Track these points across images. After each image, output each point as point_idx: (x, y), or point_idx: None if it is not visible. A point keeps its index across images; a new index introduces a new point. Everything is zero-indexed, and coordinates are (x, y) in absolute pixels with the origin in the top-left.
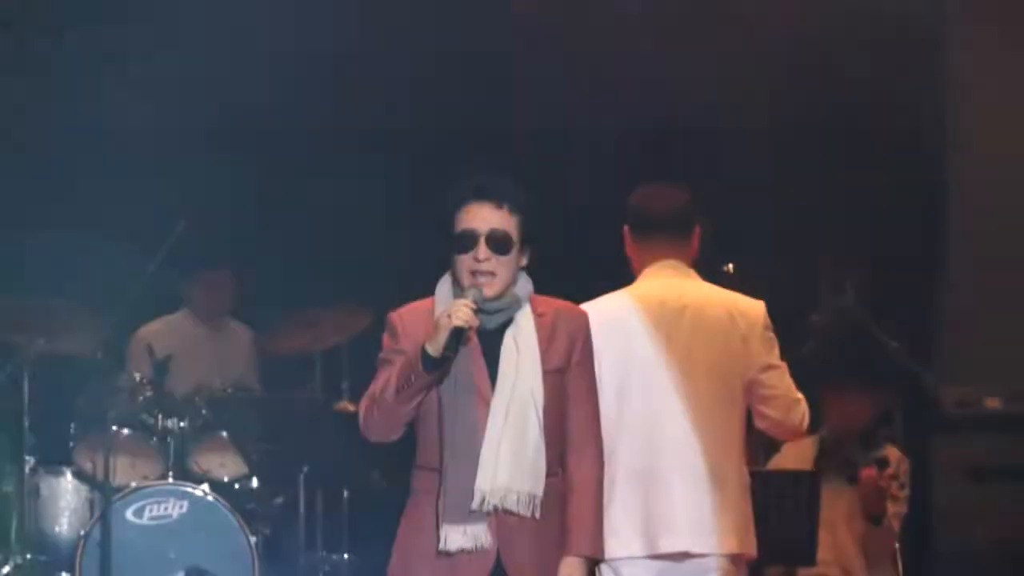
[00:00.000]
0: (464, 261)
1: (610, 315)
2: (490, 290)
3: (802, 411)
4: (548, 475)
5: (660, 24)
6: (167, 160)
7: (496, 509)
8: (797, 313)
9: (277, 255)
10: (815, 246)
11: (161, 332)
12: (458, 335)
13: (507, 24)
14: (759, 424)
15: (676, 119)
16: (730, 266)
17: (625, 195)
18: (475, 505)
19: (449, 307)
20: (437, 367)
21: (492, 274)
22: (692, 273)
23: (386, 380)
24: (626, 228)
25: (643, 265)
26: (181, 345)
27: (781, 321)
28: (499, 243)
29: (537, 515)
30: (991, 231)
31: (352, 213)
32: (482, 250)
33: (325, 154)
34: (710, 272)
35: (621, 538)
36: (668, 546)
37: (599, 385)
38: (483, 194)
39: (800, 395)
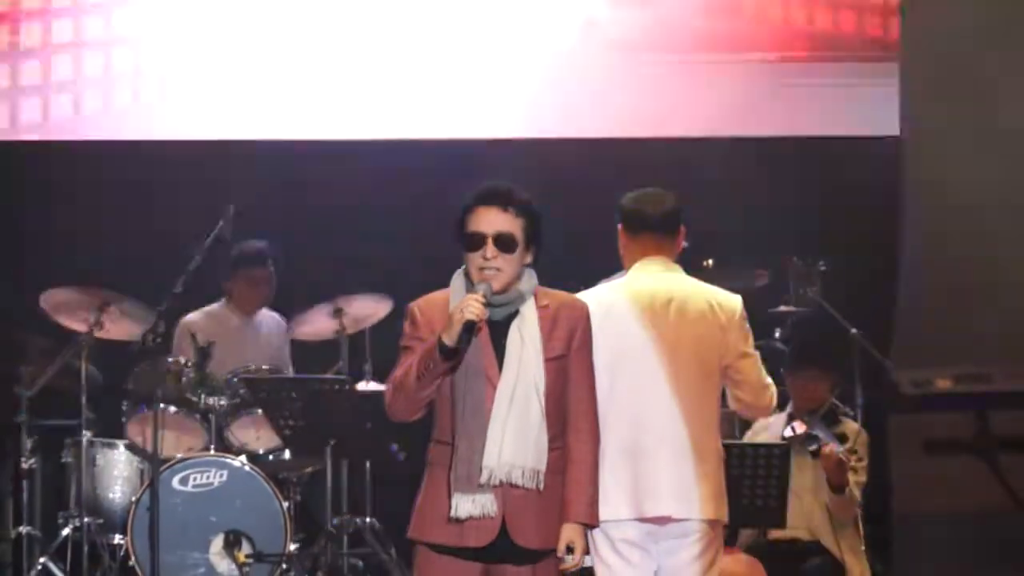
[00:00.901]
0: (474, 259)
1: (604, 304)
2: (497, 284)
3: (770, 395)
4: (551, 449)
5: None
6: (209, 168)
7: (501, 482)
8: (769, 304)
9: (307, 251)
10: (785, 245)
11: (203, 321)
12: (470, 328)
13: None
14: (732, 405)
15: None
16: (710, 261)
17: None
18: (483, 480)
19: (462, 302)
20: (452, 356)
21: (498, 270)
22: (677, 268)
23: (407, 368)
24: (619, 227)
25: (634, 260)
26: (221, 332)
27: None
28: (504, 243)
29: (540, 487)
30: (940, 232)
31: (375, 212)
32: (489, 249)
33: (354, 163)
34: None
35: (611, 504)
36: (652, 511)
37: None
38: (491, 199)
39: (769, 380)
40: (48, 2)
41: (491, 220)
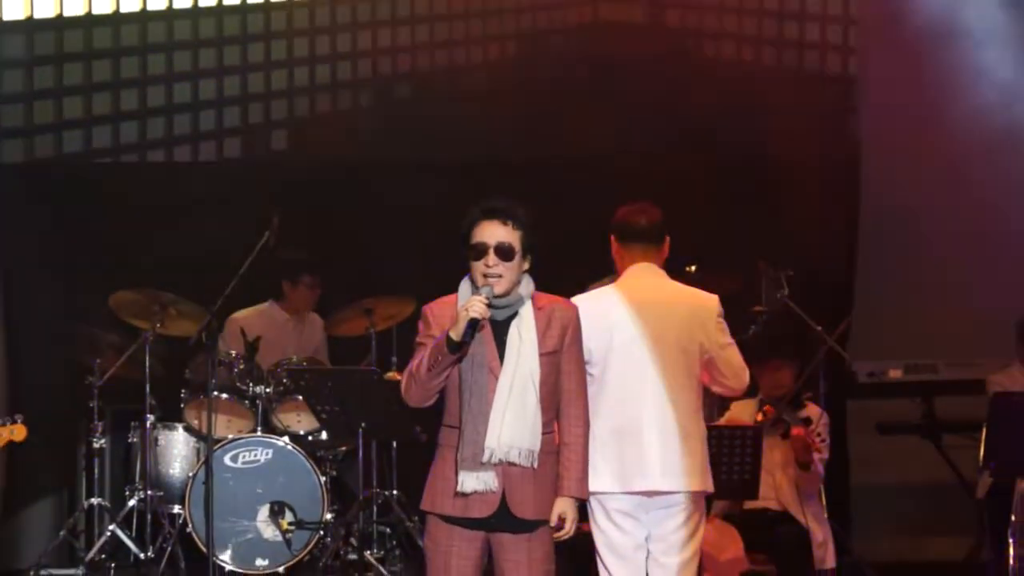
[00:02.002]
0: (477, 267)
1: (600, 305)
2: (498, 288)
3: (747, 378)
4: (544, 432)
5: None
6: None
7: (501, 461)
8: (744, 304)
9: (343, 258)
10: (758, 251)
11: (251, 318)
12: (474, 325)
13: None
14: (715, 389)
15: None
16: (692, 267)
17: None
18: (485, 459)
19: (467, 303)
20: (458, 350)
21: (499, 276)
22: (663, 273)
23: (420, 360)
24: (612, 237)
25: (625, 266)
26: (267, 329)
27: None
28: (504, 252)
29: (535, 466)
30: (892, 243)
31: (400, 228)
32: (491, 258)
33: (384, 185)
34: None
35: (604, 479)
36: (641, 485)
37: (589, 360)
38: (492, 214)
39: (745, 365)
40: (117, 43)
41: (493, 232)
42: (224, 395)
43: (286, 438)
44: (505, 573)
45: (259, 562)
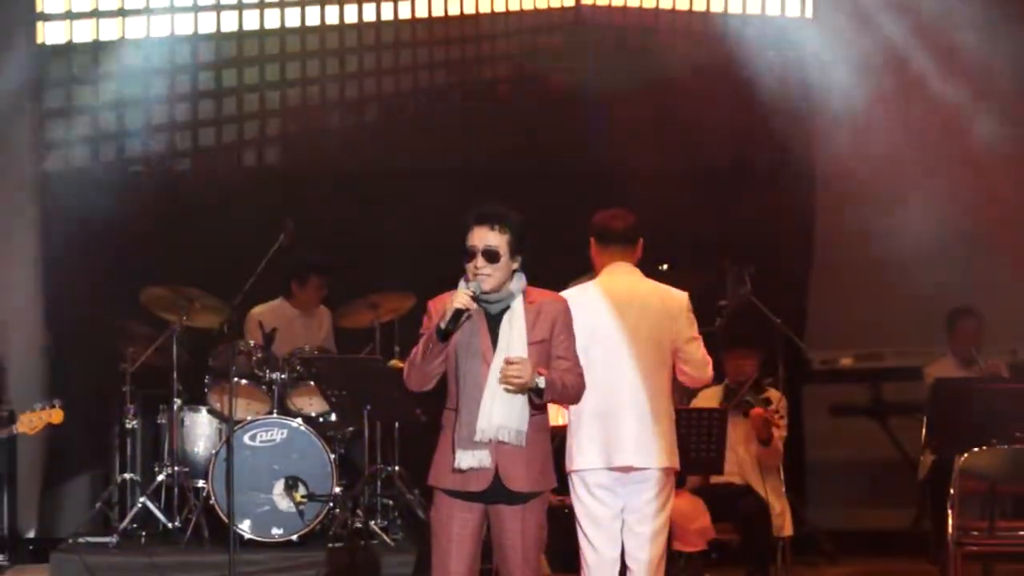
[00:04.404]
0: (469, 267)
1: (582, 299)
2: (486, 286)
3: (710, 370)
4: (532, 414)
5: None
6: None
7: (492, 440)
8: (711, 299)
9: (351, 256)
10: (724, 251)
11: (267, 313)
12: (458, 314)
13: None
14: (680, 378)
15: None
16: (664, 266)
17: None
18: (477, 438)
19: (455, 295)
20: (446, 339)
21: (487, 275)
22: (638, 272)
23: (417, 348)
24: (592, 239)
25: (603, 265)
26: (282, 322)
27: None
28: (490, 255)
29: (523, 444)
30: (843, 244)
31: (404, 228)
32: (479, 260)
33: (388, 189)
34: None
35: (587, 456)
36: (619, 462)
37: None
38: (482, 220)
39: (709, 359)
40: (171, 60)
41: (481, 237)
42: (244, 381)
43: (299, 419)
44: (503, 540)
45: (275, 531)
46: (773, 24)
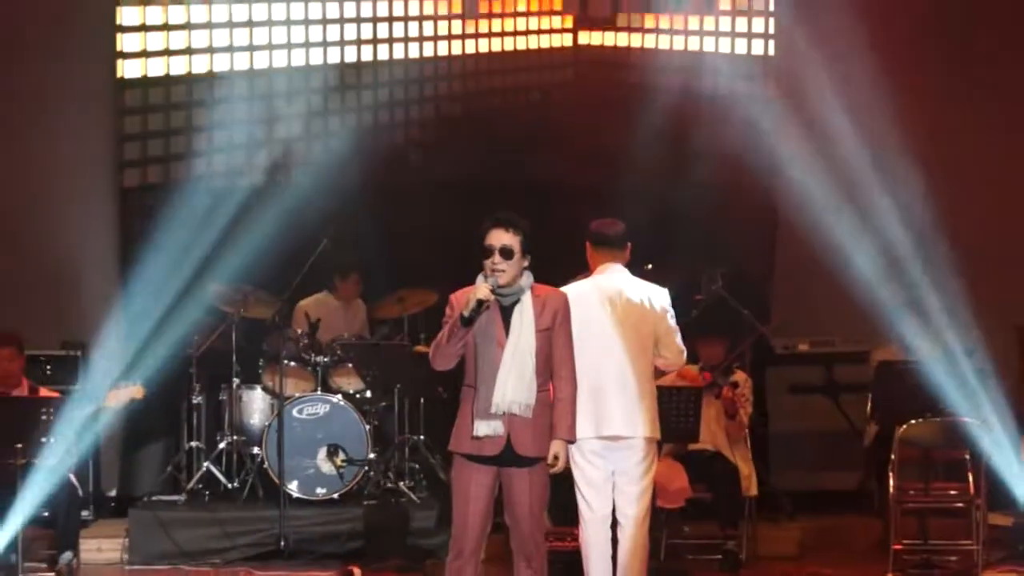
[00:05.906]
0: (487, 263)
1: (579, 294)
2: (501, 280)
3: (683, 359)
4: (539, 391)
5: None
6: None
7: (505, 412)
8: (688, 294)
9: (382, 257)
10: (698, 252)
11: (312, 305)
12: (479, 305)
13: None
14: (657, 363)
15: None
16: (648, 266)
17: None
18: (493, 410)
19: (476, 288)
20: (468, 324)
21: (503, 271)
22: (626, 272)
23: (443, 333)
24: (587, 243)
25: (597, 266)
26: (325, 313)
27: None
28: (506, 253)
29: (531, 416)
30: (803, 243)
31: (428, 233)
32: (496, 257)
33: (414, 201)
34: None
35: (581, 427)
36: (607, 431)
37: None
38: (498, 223)
39: (683, 347)
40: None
41: (498, 237)
42: (292, 363)
43: (339, 396)
44: (513, 498)
45: (319, 491)
46: (739, 61)
